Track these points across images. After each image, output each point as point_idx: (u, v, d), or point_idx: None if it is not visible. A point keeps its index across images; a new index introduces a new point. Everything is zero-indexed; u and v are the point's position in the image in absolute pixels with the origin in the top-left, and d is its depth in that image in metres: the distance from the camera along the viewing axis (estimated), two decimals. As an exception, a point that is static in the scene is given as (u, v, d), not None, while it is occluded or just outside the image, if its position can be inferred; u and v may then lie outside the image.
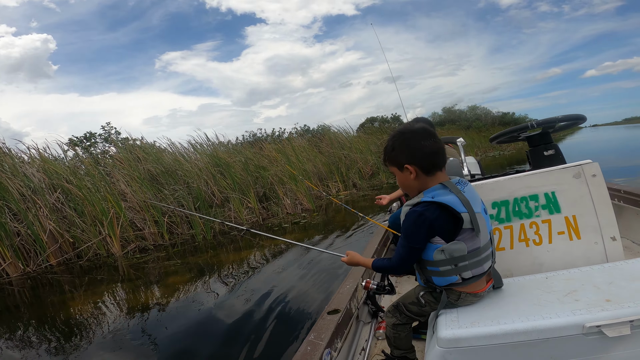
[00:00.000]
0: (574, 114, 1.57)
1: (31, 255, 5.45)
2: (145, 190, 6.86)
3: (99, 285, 4.41)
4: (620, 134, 30.27)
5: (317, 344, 1.18)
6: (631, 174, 6.92)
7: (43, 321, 3.52)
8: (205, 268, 4.66)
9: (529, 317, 0.91)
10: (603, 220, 1.35)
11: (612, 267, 1.15)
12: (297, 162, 9.99)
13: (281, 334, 2.49)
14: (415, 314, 1.21)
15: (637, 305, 0.88)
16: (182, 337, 2.70)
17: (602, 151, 14.28)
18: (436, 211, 1.02)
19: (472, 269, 1.05)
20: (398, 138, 1.13)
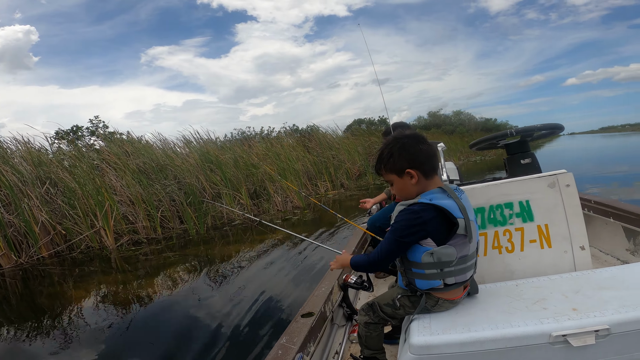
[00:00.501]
0: (552, 123, 1.61)
1: (23, 246, 5.49)
2: (143, 184, 6.95)
3: (92, 278, 4.51)
4: (596, 143, 31.69)
5: (289, 348, 1.16)
6: (605, 182, 7.22)
7: (32, 313, 3.59)
8: (195, 262, 4.79)
9: (498, 325, 0.92)
10: (574, 230, 1.36)
11: (579, 276, 1.17)
12: (286, 160, 10.21)
13: (256, 336, 2.45)
14: (388, 315, 1.21)
15: (602, 315, 0.89)
16: (155, 335, 2.70)
17: (579, 159, 14.90)
18: (432, 213, 1.02)
19: (455, 276, 1.05)
20: (395, 144, 1.13)
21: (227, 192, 7.68)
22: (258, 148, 10.79)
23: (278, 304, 2.96)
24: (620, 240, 2.23)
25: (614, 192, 6.10)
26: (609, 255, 2.27)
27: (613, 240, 2.29)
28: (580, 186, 4.55)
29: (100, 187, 6.08)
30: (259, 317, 2.73)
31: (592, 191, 5.93)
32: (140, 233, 6.41)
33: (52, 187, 6.47)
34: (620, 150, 19.36)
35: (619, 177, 7.93)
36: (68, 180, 6.08)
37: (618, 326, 0.86)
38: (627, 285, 1.03)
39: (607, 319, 0.87)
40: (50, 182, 6.52)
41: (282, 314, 2.75)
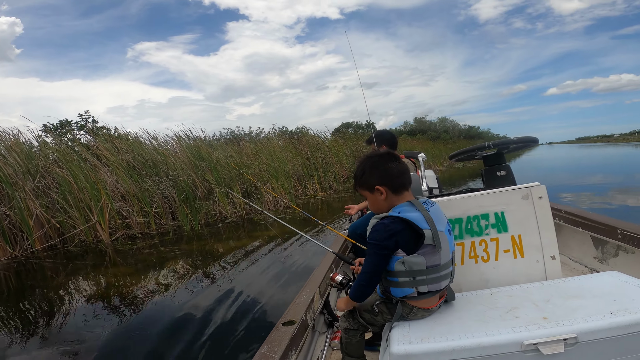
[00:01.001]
0: (527, 137, 1.70)
1: (18, 239, 5.55)
2: (135, 180, 7.06)
3: (87, 272, 4.61)
4: (572, 153, 32.98)
5: (270, 357, 1.17)
6: (580, 191, 7.47)
7: (22, 307, 3.59)
8: (188, 259, 4.88)
9: (474, 334, 0.96)
10: (545, 240, 1.42)
11: (550, 285, 1.22)
12: (277, 162, 10.45)
13: (235, 344, 2.43)
14: (367, 321, 1.26)
15: (571, 324, 0.92)
16: (133, 337, 2.67)
17: (556, 168, 15.43)
18: (401, 225, 1.09)
19: (428, 284, 1.10)
20: (367, 162, 1.21)
21: (220, 190, 7.86)
22: (249, 148, 10.97)
23: (261, 309, 2.93)
24: (589, 248, 2.34)
25: (589, 199, 6.37)
26: (577, 262, 2.37)
27: (582, 248, 2.39)
28: (556, 195, 4.99)
29: (96, 182, 6.17)
30: (240, 322, 2.70)
31: (567, 199, 6.34)
32: (134, 228, 6.53)
33: (43, 180, 6.52)
34: (594, 160, 20.17)
35: (593, 186, 8.26)
36: (63, 174, 6.14)
37: (585, 335, 0.90)
38: (594, 294, 1.08)
39: (575, 328, 0.90)
40: (40, 175, 6.57)
41: (264, 319, 2.74)
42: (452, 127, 35.19)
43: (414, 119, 34.77)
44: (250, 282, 3.60)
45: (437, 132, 31.36)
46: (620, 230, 2.04)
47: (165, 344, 2.49)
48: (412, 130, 31.45)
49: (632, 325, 0.90)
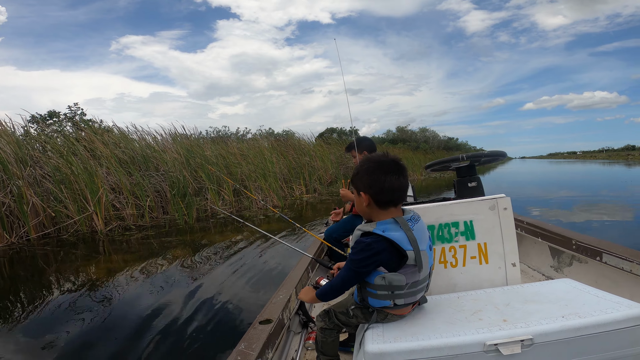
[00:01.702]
0: (496, 151, 1.85)
1: (14, 226, 5.70)
2: (127, 174, 7.29)
3: (81, 261, 4.83)
4: (542, 168, 34.53)
5: (248, 354, 1.20)
6: (547, 205, 7.81)
7: (11, 293, 3.66)
8: (180, 252, 5.04)
9: (442, 334, 1.02)
10: (507, 248, 1.51)
11: (510, 290, 1.29)
12: (266, 163, 10.84)
13: (212, 341, 2.44)
14: (342, 322, 1.29)
15: (527, 326, 0.99)
16: (110, 330, 2.63)
17: (526, 182, 16.11)
18: (384, 245, 1.08)
19: (405, 298, 1.12)
20: (365, 164, 1.18)
21: (212, 188, 8.19)
22: (241, 148, 11.31)
23: (239, 307, 2.96)
24: (546, 258, 2.51)
25: (555, 214, 6.63)
26: (535, 271, 2.54)
27: (540, 257, 2.57)
28: (524, 208, 5.68)
29: (93, 174, 6.39)
30: (218, 319, 2.73)
31: (535, 213, 6.65)
32: (127, 220, 6.77)
33: (37, 169, 6.65)
34: (563, 175, 21.11)
35: (559, 200, 8.67)
36: (59, 164, 6.33)
37: (539, 336, 0.96)
38: (549, 299, 1.16)
39: (530, 330, 0.97)
40: (32, 164, 6.69)
41: (238, 317, 2.77)
42: (432, 137, 36.54)
43: (397, 128, 35.94)
44: (228, 279, 3.63)
45: (417, 142, 32.54)
46: (575, 241, 2.20)
47: (139, 337, 2.47)
48: (394, 139, 32.49)
49: (582, 328, 0.96)
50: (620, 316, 0.99)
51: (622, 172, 20.26)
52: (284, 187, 11.13)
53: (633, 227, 5.40)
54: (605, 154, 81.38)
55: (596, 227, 5.39)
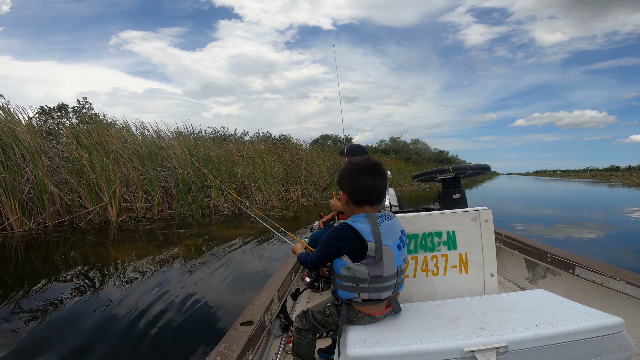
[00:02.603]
0: (481, 165, 1.92)
1: (33, 213, 6.09)
2: (137, 168, 7.73)
3: (94, 248, 5.25)
4: (529, 185, 35.24)
5: (228, 355, 1.22)
6: (530, 221, 8.11)
7: (28, 278, 3.84)
8: (188, 241, 5.57)
9: (422, 340, 1.05)
10: (486, 259, 1.58)
11: (487, 299, 1.35)
12: (266, 166, 11.37)
13: (191, 340, 2.44)
14: (318, 322, 1.33)
15: (503, 334, 1.04)
16: (90, 332, 2.58)
17: (512, 198, 16.28)
18: (350, 233, 1.18)
19: (369, 293, 1.18)
20: (346, 167, 1.30)
21: (216, 186, 8.67)
22: (241, 150, 11.81)
23: (221, 306, 2.97)
24: (522, 270, 2.63)
25: (537, 230, 6.85)
26: (511, 282, 2.64)
27: (516, 269, 2.69)
28: (509, 223, 6.24)
29: (110, 166, 6.83)
30: (200, 318, 2.75)
31: (519, 228, 6.89)
32: (137, 212, 7.21)
33: (51, 159, 7.04)
34: (548, 192, 21.60)
35: (542, 218, 8.92)
36: (78, 155, 6.75)
37: (514, 344, 1.00)
38: (524, 309, 1.21)
39: (505, 338, 1.01)
40: (48, 155, 7.07)
41: (220, 321, 2.74)
42: (423, 149, 37.68)
43: (390, 139, 37.06)
44: (215, 277, 3.67)
45: (409, 154, 33.53)
46: (550, 254, 2.31)
47: (123, 330, 2.51)
48: (387, 149, 33.41)
49: (554, 337, 1.01)
50: (591, 326, 1.04)
51: (599, 192, 21.25)
52: (281, 189, 11.66)
53: (609, 243, 5.66)
54: (589, 174, 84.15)
55: (575, 242, 5.63)
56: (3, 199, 5.64)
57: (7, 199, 5.66)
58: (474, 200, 1.96)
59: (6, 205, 5.67)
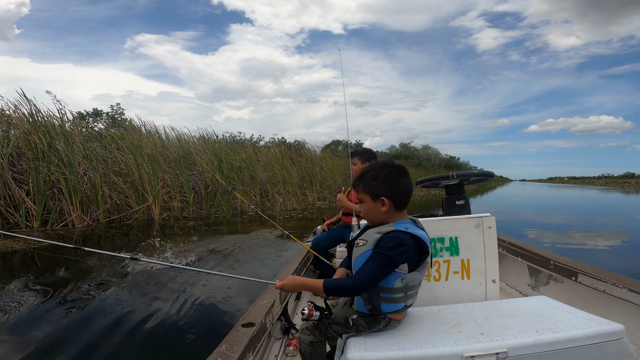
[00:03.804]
0: (485, 171, 1.95)
1: (89, 211, 7.07)
2: (171, 172, 8.71)
3: (146, 240, 5.95)
4: (542, 191, 34.49)
5: (229, 356, 1.23)
6: (543, 229, 8.14)
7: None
8: (215, 239, 6.14)
9: (422, 345, 1.08)
10: (489, 265, 1.60)
11: (488, 305, 1.37)
12: (284, 170, 12.29)
13: (191, 340, 2.45)
14: (337, 333, 1.29)
15: (503, 339, 1.05)
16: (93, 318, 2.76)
17: (525, 205, 16.19)
18: (412, 241, 1.15)
19: (412, 299, 1.21)
20: (382, 170, 1.24)
21: (241, 189, 9.61)
22: (260, 155, 12.76)
23: (222, 308, 2.98)
24: (524, 277, 2.64)
25: (550, 237, 6.83)
26: (513, 289, 2.66)
27: (518, 276, 2.71)
28: (522, 230, 6.60)
29: (156, 170, 7.80)
30: (202, 319, 2.77)
31: (532, 235, 6.97)
32: (174, 211, 8.16)
33: (103, 163, 8.03)
34: (561, 199, 21.48)
35: (555, 225, 8.90)
36: (126, 160, 7.74)
37: (514, 350, 1.02)
38: (525, 315, 1.23)
39: (506, 343, 1.03)
40: (98, 158, 8.05)
41: (222, 322, 2.74)
42: (434, 155, 38.36)
43: (400, 144, 37.84)
44: (228, 282, 3.65)
45: (419, 159, 34.25)
46: (552, 261, 2.33)
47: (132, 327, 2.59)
48: (397, 154, 34.20)
49: (554, 343, 1.03)
50: (591, 332, 1.04)
51: (610, 198, 21.57)
52: (298, 193, 12.56)
53: (622, 252, 5.61)
54: (603, 181, 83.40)
55: (587, 251, 5.60)
56: (66, 197, 6.62)
57: (70, 198, 6.64)
58: (484, 207, 2.35)
59: (69, 204, 6.65)
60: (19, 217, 6.26)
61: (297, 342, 1.74)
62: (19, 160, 6.99)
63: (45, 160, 6.74)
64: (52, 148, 6.96)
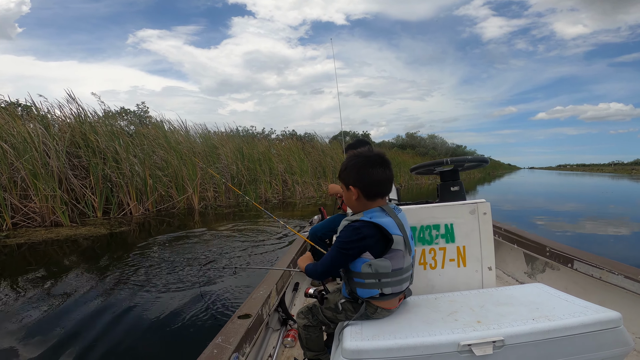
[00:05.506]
0: (479, 157, 2.00)
1: (141, 202, 8.37)
2: (208, 165, 9.99)
3: (191, 224, 7.35)
4: (551, 179, 34.56)
5: (225, 348, 1.24)
6: (552, 216, 8.23)
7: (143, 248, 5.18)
8: (248, 221, 7.33)
9: (419, 334, 1.09)
10: (484, 253, 1.63)
11: (485, 293, 1.40)
12: (299, 161, 13.53)
13: (188, 333, 2.49)
14: (329, 318, 1.36)
15: (499, 327, 1.07)
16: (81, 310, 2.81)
17: (533, 193, 16.62)
18: (372, 230, 1.18)
19: (392, 286, 1.21)
20: (352, 160, 1.29)
21: (264, 179, 10.89)
22: (277, 148, 14.01)
23: (224, 302, 3.01)
24: (521, 264, 2.66)
25: (560, 226, 6.91)
26: (510, 276, 2.69)
27: (515, 263, 2.73)
28: (531, 219, 7.49)
29: (194, 164, 9.08)
30: (199, 312, 2.79)
31: (541, 223, 7.11)
32: (209, 200, 9.46)
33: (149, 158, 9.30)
34: (571, 188, 21.36)
35: (565, 213, 9.04)
36: (167, 156, 9.02)
37: (510, 338, 1.03)
38: (521, 302, 1.25)
39: (502, 331, 1.05)
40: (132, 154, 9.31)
41: (220, 314, 2.78)
42: (440, 144, 39.41)
43: (406, 134, 38.88)
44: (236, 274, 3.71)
45: (426, 148, 35.32)
46: (549, 248, 2.34)
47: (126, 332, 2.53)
48: (403, 144, 35.27)
49: (551, 331, 1.04)
50: (588, 320, 1.06)
51: (615, 185, 22.42)
52: (314, 182, 13.82)
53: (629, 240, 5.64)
54: (612, 168, 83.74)
55: (601, 239, 5.65)
56: (123, 189, 7.92)
57: (128, 190, 7.94)
58: (491, 196, 2.60)
59: (126, 195, 7.95)
60: (86, 208, 7.53)
61: (295, 333, 1.87)
62: (73, 157, 8.23)
63: (100, 157, 7.98)
64: (108, 146, 8.21)
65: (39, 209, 6.57)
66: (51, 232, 5.99)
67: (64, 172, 7.52)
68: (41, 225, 6.50)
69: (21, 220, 6.47)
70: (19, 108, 10.87)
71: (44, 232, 5.93)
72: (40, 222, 6.55)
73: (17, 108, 10.70)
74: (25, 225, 6.42)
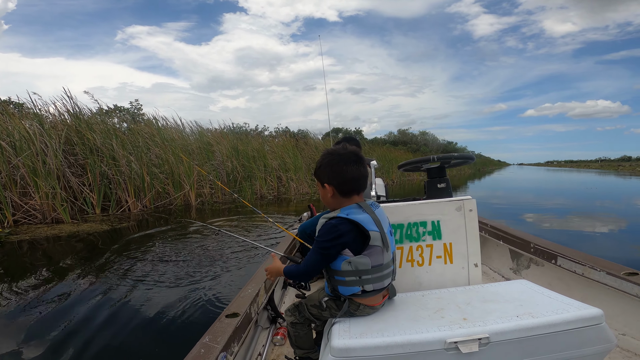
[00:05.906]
0: (465, 154, 1.97)
1: (138, 198, 8.53)
2: (203, 162, 10.17)
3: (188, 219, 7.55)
4: (539, 175, 35.45)
5: (212, 347, 1.24)
6: (542, 212, 8.32)
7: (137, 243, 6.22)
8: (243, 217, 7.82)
9: (406, 331, 1.09)
10: (471, 249, 1.65)
11: (471, 290, 1.41)
12: (293, 158, 13.75)
13: (175, 333, 2.47)
14: (314, 315, 1.37)
15: (485, 324, 1.08)
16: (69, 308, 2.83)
17: (523, 189, 16.75)
18: (348, 226, 1.20)
19: (373, 283, 1.22)
20: (326, 158, 1.30)
21: (260, 175, 11.11)
22: (271, 144, 14.20)
23: (210, 302, 2.98)
24: (506, 260, 2.69)
25: (548, 221, 7.06)
26: (496, 272, 2.71)
27: (500, 260, 2.76)
28: (521, 215, 7.86)
29: (190, 161, 9.25)
30: (185, 311, 2.78)
31: (530, 219, 7.19)
32: (205, 197, 9.65)
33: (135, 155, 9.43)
34: (559, 183, 21.93)
35: (552, 209, 9.13)
36: (163, 154, 9.18)
37: (495, 335, 1.04)
38: (506, 299, 1.26)
39: (487, 329, 1.06)
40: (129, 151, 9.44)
41: (207, 314, 2.76)
42: (431, 140, 39.94)
43: (398, 131, 39.37)
44: (231, 269, 3.83)
45: (417, 145, 35.81)
46: (533, 244, 2.38)
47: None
48: (395, 140, 35.70)
49: (534, 328, 1.06)
50: (570, 317, 1.07)
51: (598, 180, 23.14)
52: (308, 179, 14.06)
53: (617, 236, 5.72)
54: (599, 164, 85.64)
55: (586, 236, 5.71)
56: (122, 186, 8.08)
57: (126, 187, 8.10)
58: (480, 192, 2.57)
59: (125, 192, 8.10)
60: (85, 205, 7.67)
61: (284, 331, 1.87)
62: (69, 154, 8.34)
63: (97, 154, 8.10)
64: (104, 143, 8.34)
65: (40, 206, 6.71)
66: (54, 228, 6.15)
67: (61, 169, 7.64)
68: (42, 222, 6.65)
69: (22, 218, 6.60)
70: (10, 105, 10.91)
71: (46, 229, 6.08)
72: (41, 219, 6.69)
73: (9, 106, 10.74)
74: (27, 222, 6.56)
